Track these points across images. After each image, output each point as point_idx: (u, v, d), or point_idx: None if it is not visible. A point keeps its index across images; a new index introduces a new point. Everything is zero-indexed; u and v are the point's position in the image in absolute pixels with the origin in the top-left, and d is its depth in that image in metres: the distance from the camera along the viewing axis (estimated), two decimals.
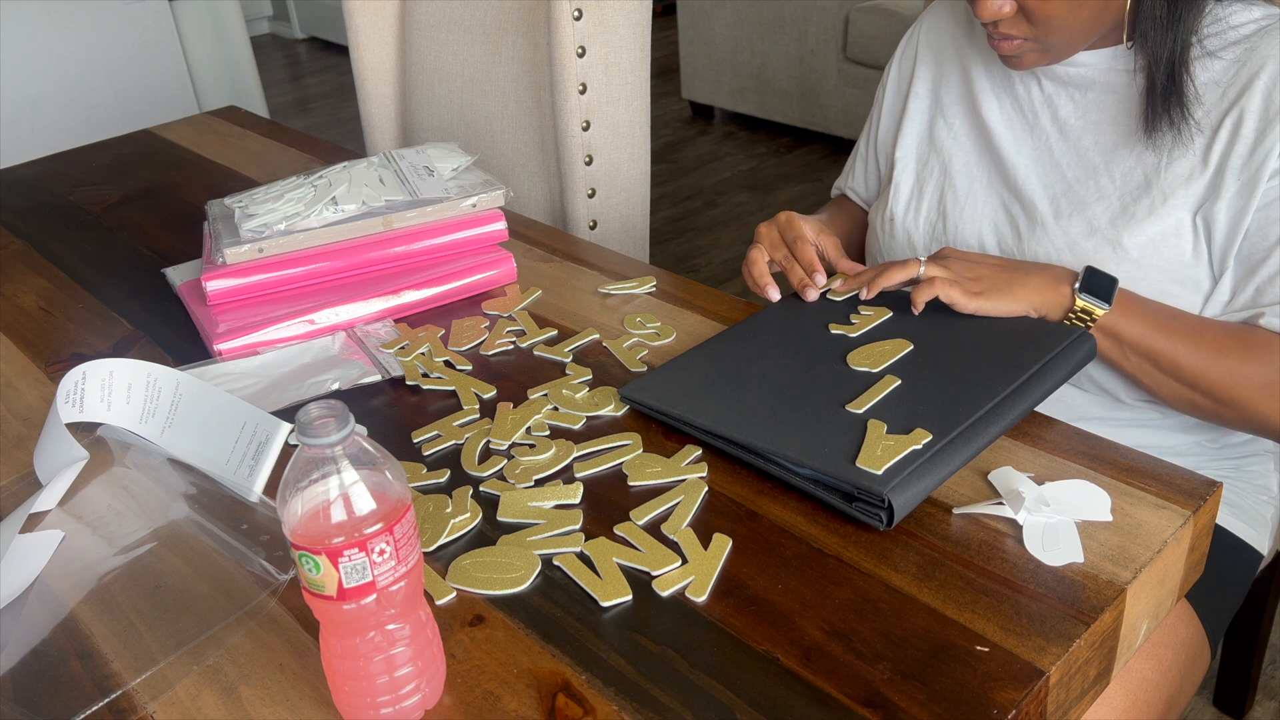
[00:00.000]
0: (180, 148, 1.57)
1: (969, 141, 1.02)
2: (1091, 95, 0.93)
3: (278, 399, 0.91)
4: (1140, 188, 0.90)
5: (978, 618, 0.63)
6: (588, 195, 1.39)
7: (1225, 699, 1.43)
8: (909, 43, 1.10)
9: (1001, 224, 0.98)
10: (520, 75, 1.44)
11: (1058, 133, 0.95)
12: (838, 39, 3.23)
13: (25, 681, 0.65)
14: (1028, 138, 0.97)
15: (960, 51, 1.04)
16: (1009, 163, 0.98)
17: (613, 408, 0.86)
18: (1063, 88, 0.95)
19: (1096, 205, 0.92)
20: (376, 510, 0.54)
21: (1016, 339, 0.84)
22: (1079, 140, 0.94)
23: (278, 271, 1.01)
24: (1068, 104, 0.94)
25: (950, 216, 1.02)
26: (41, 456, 0.84)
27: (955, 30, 1.05)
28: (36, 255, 1.25)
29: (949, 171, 1.02)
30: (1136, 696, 0.84)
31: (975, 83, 1.01)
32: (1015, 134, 0.98)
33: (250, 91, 2.90)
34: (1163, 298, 0.89)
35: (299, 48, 5.45)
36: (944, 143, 1.04)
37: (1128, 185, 0.91)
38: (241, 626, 0.67)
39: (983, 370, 0.80)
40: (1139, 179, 0.90)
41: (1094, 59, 0.92)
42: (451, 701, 0.61)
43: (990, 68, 1.00)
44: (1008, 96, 0.99)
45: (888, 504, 0.68)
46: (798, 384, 0.83)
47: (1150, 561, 0.66)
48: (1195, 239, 0.88)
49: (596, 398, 0.87)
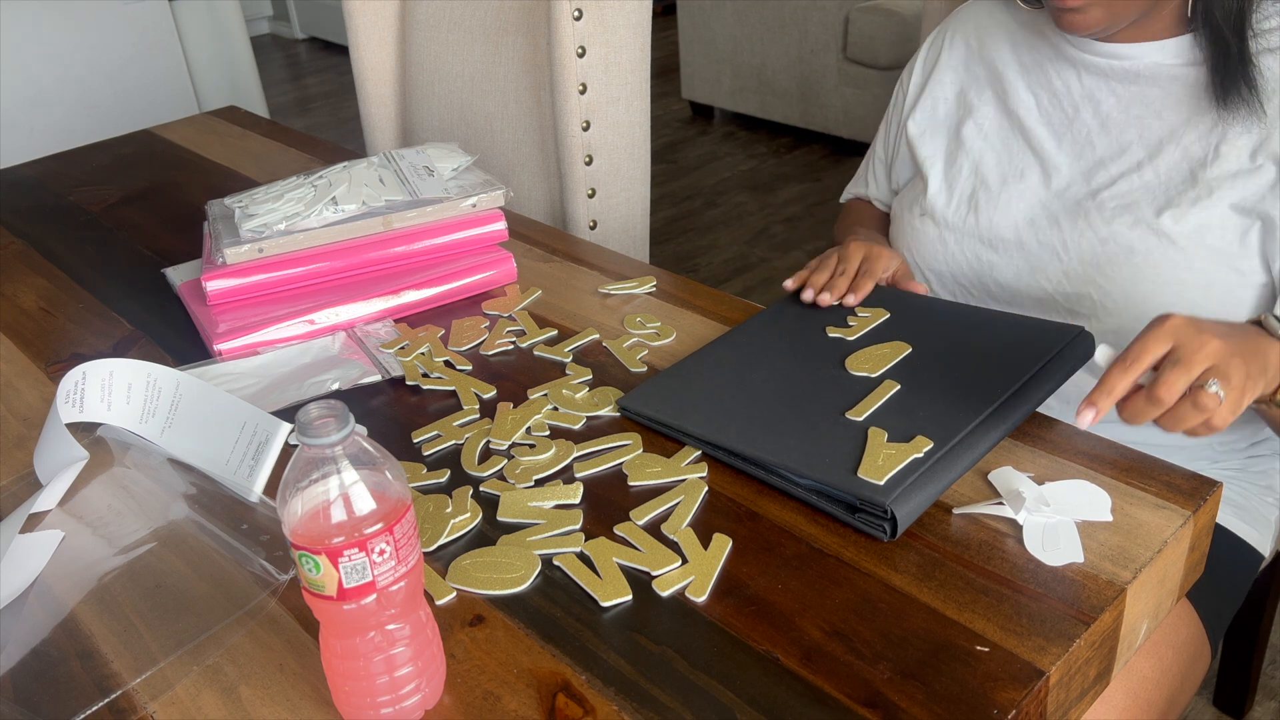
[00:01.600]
0: (180, 148, 1.57)
1: (999, 140, 1.02)
2: (1135, 88, 0.93)
3: (278, 399, 0.91)
4: (1186, 180, 0.90)
5: (978, 618, 0.63)
6: (588, 195, 1.39)
7: (1225, 699, 1.43)
8: (933, 44, 1.10)
9: (1039, 218, 0.97)
10: (520, 75, 1.44)
11: (1099, 126, 0.95)
12: (838, 39, 3.23)
13: (25, 681, 0.65)
14: (1067, 131, 0.97)
15: (993, 52, 1.04)
16: (1048, 158, 0.98)
17: (612, 408, 0.86)
18: (1105, 81, 0.95)
19: (1141, 197, 0.92)
20: (376, 510, 0.54)
21: (1015, 339, 0.84)
22: (1122, 134, 0.94)
23: (278, 271, 1.01)
24: (1110, 97, 0.94)
25: (984, 211, 1.01)
26: (41, 456, 0.84)
27: (988, 30, 1.05)
28: (36, 255, 1.25)
29: (980, 170, 1.02)
30: (1137, 696, 0.84)
31: (1008, 82, 1.01)
32: (1054, 129, 0.98)
33: (250, 91, 2.90)
34: (1211, 287, 0.88)
35: (299, 48, 5.45)
36: (973, 142, 1.03)
37: (1174, 178, 0.91)
38: (241, 626, 0.67)
39: (982, 373, 0.80)
40: (1185, 172, 0.90)
41: (1139, 51, 0.92)
42: (451, 701, 0.61)
43: (1025, 65, 1.00)
44: (1045, 92, 0.99)
45: (891, 515, 0.68)
46: (797, 391, 0.82)
47: (1150, 561, 0.66)
48: (1245, 230, 0.87)
49: (596, 398, 0.87)
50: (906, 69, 1.14)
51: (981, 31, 1.06)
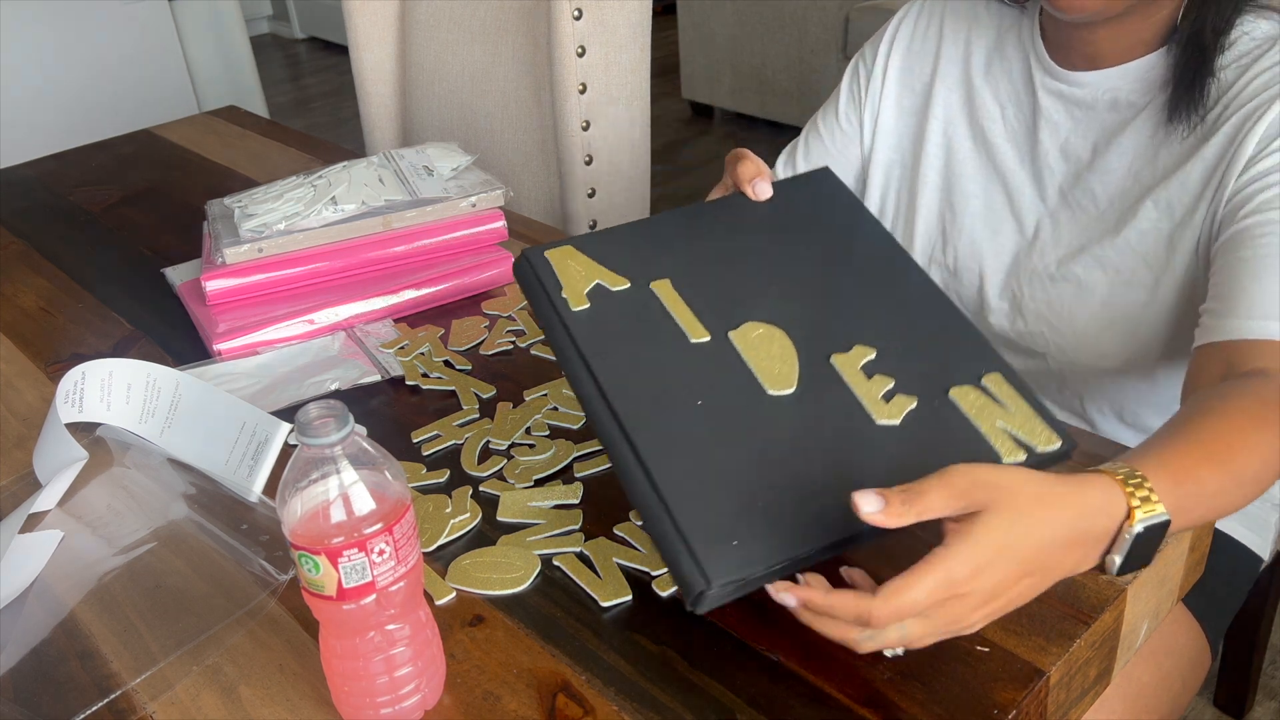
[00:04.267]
0: (180, 148, 1.57)
1: (965, 153, 0.98)
2: (1092, 114, 0.90)
3: (277, 399, 0.91)
4: (1132, 211, 0.87)
5: None
6: (588, 195, 1.39)
7: (1225, 699, 1.43)
8: (892, 33, 1.04)
9: (1004, 251, 0.96)
10: (520, 75, 1.44)
11: (1057, 150, 0.92)
12: (838, 39, 3.23)
13: (25, 681, 0.65)
14: (1029, 155, 0.94)
15: (956, 46, 1.00)
16: (1011, 182, 0.95)
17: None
18: (1061, 103, 0.91)
19: (1093, 229, 0.90)
20: (376, 510, 0.54)
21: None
22: (1078, 159, 0.91)
23: (277, 271, 1.01)
24: (1067, 121, 0.91)
25: (950, 239, 0.99)
26: (41, 456, 0.84)
27: (954, 23, 1.01)
28: (36, 255, 1.25)
29: (947, 188, 0.99)
30: (1136, 703, 0.84)
31: (975, 90, 0.98)
32: (1019, 147, 0.95)
33: (250, 91, 2.90)
34: (1160, 310, 0.87)
35: (299, 48, 5.44)
36: (933, 150, 1.00)
37: (1124, 208, 0.88)
38: (241, 626, 0.67)
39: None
40: (1132, 199, 0.88)
41: (1095, 79, 0.88)
42: (451, 702, 0.61)
43: (993, 73, 0.97)
44: (1011, 105, 0.96)
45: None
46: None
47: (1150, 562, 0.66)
48: (1175, 251, 0.85)
49: None
50: (867, 54, 1.06)
51: (956, 23, 1.00)
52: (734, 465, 0.62)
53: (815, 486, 0.61)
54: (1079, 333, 0.91)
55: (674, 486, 0.60)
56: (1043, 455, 0.63)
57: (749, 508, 0.59)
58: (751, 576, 0.57)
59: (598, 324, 0.70)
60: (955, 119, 0.99)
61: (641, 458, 0.62)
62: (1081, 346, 0.92)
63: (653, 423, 0.64)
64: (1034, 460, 0.63)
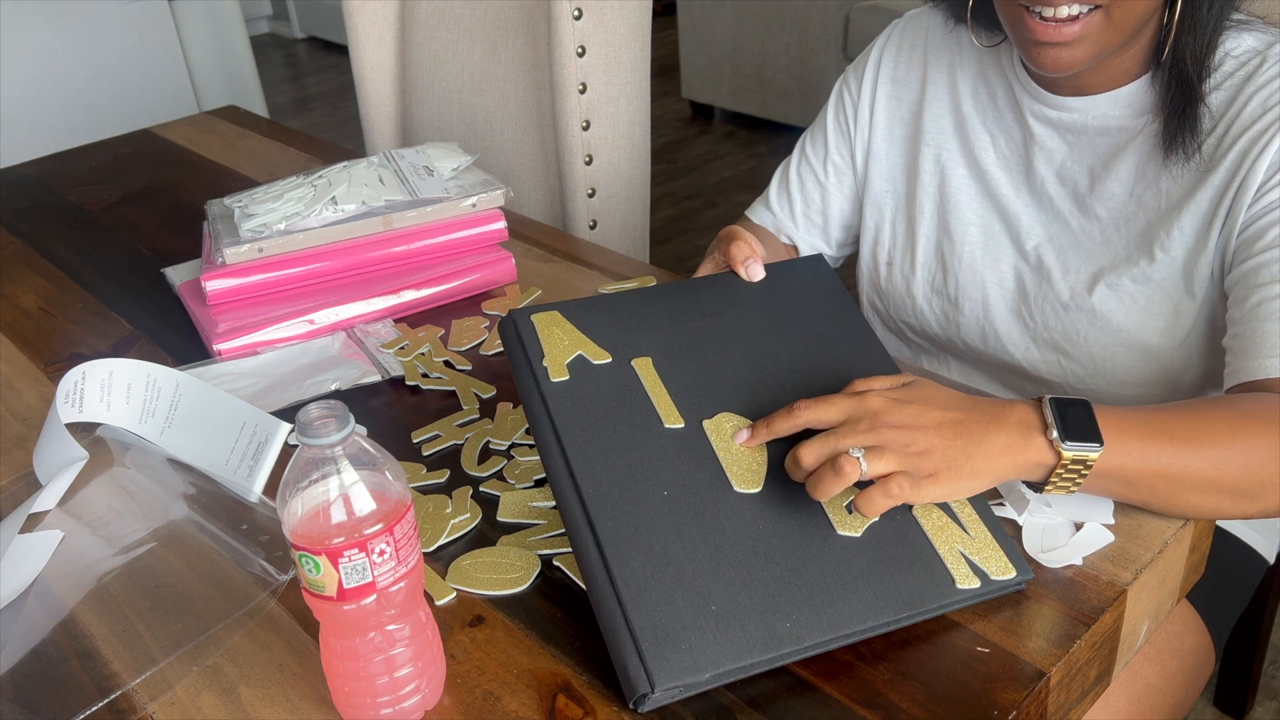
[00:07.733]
0: (180, 147, 1.57)
1: (959, 181, 0.97)
2: (1085, 138, 0.89)
3: (277, 399, 0.90)
4: (1142, 235, 0.87)
5: (978, 618, 0.63)
6: (588, 195, 1.39)
7: (1226, 700, 1.43)
8: (875, 60, 1.03)
9: (1006, 279, 0.94)
10: (520, 75, 1.44)
11: (1054, 176, 0.91)
12: (838, 39, 3.23)
13: (25, 681, 0.65)
14: (1025, 181, 0.93)
15: (950, 77, 0.98)
16: (1009, 209, 0.94)
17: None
18: (1053, 129, 0.90)
19: (1101, 255, 0.89)
20: (376, 510, 0.54)
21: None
22: (1075, 185, 0.90)
23: (277, 271, 1.01)
24: (1061, 146, 0.90)
25: (950, 269, 0.97)
26: (41, 456, 0.84)
27: (936, 50, 0.99)
28: (36, 255, 1.25)
29: (944, 216, 0.98)
30: (1141, 703, 0.84)
31: (966, 117, 0.96)
32: (1012, 175, 0.94)
33: (250, 91, 2.90)
34: (1175, 334, 0.86)
35: (299, 47, 5.44)
36: (927, 180, 0.98)
37: (1131, 233, 0.87)
38: (241, 627, 0.67)
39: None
40: (1141, 226, 0.87)
41: (1085, 104, 0.87)
42: (451, 702, 0.61)
43: (981, 103, 0.95)
44: (1001, 134, 0.94)
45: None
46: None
47: (1151, 563, 0.66)
48: (1193, 278, 0.85)
49: None
50: (840, 83, 1.05)
51: (939, 51, 0.99)
52: (692, 565, 0.62)
53: (769, 595, 0.61)
54: (1095, 359, 0.90)
55: (631, 582, 0.60)
56: (996, 584, 0.63)
57: (702, 611, 0.60)
58: (696, 681, 0.58)
59: (575, 398, 0.70)
60: (947, 147, 0.98)
61: (601, 546, 0.62)
62: (1098, 373, 0.91)
63: (616, 510, 0.64)
64: (988, 588, 0.63)
